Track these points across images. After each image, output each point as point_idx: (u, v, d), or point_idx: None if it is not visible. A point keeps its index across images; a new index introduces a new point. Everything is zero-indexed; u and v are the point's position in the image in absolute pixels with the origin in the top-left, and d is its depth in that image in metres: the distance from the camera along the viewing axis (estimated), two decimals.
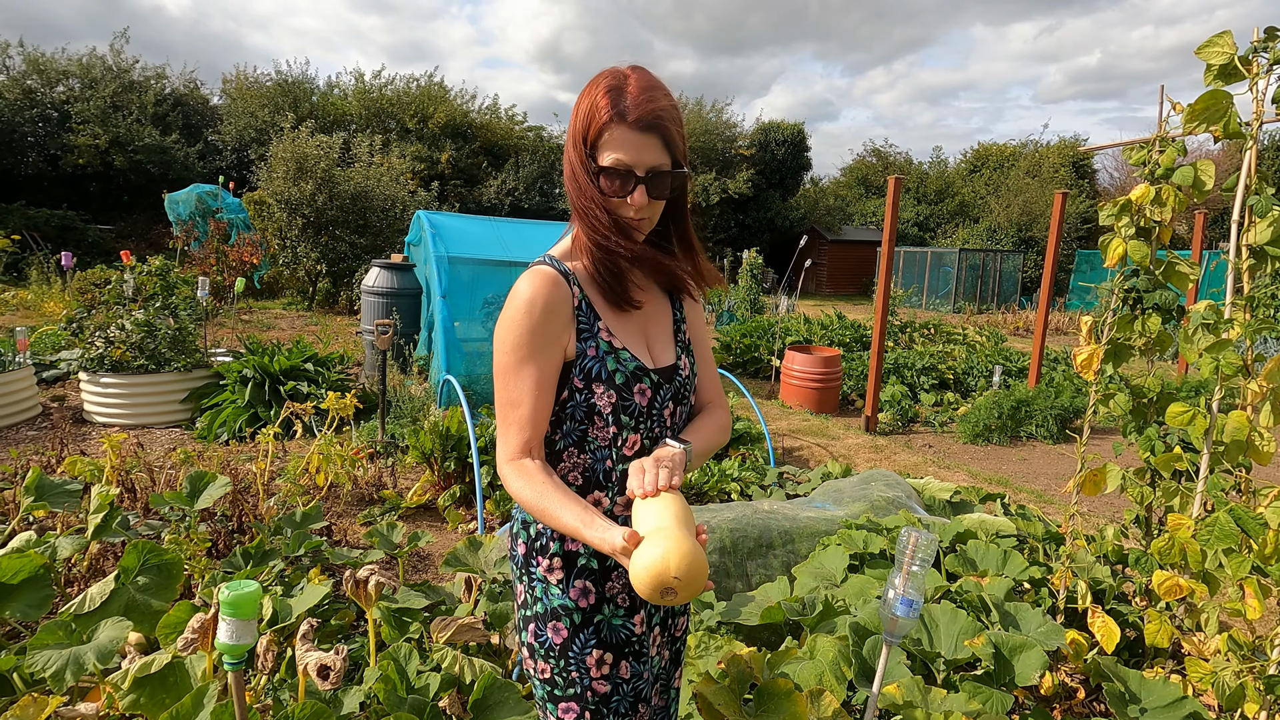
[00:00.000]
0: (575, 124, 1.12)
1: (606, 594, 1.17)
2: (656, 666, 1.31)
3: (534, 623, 1.19)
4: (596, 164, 1.09)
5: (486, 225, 7.54)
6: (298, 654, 1.60)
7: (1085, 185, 26.46)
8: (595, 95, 1.08)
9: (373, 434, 4.92)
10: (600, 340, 1.13)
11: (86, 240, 17.03)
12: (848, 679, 2.03)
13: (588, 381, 1.12)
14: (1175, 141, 2.45)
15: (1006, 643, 2.13)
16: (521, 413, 1.10)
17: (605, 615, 1.18)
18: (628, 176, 1.08)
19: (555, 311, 1.10)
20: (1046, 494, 4.91)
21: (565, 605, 1.16)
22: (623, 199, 1.10)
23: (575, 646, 1.16)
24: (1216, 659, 2.12)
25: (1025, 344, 12.23)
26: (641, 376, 1.14)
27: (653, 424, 1.16)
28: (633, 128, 1.06)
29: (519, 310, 1.09)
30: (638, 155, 1.07)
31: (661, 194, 1.11)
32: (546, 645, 1.17)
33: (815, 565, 2.76)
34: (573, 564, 1.16)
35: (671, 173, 1.10)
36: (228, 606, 1.18)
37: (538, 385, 1.09)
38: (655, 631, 1.30)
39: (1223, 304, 2.26)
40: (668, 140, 1.09)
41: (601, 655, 1.16)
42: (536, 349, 1.09)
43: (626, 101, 1.06)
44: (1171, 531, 2.22)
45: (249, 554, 2.60)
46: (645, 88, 1.08)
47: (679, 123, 1.12)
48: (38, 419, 5.33)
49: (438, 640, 2.05)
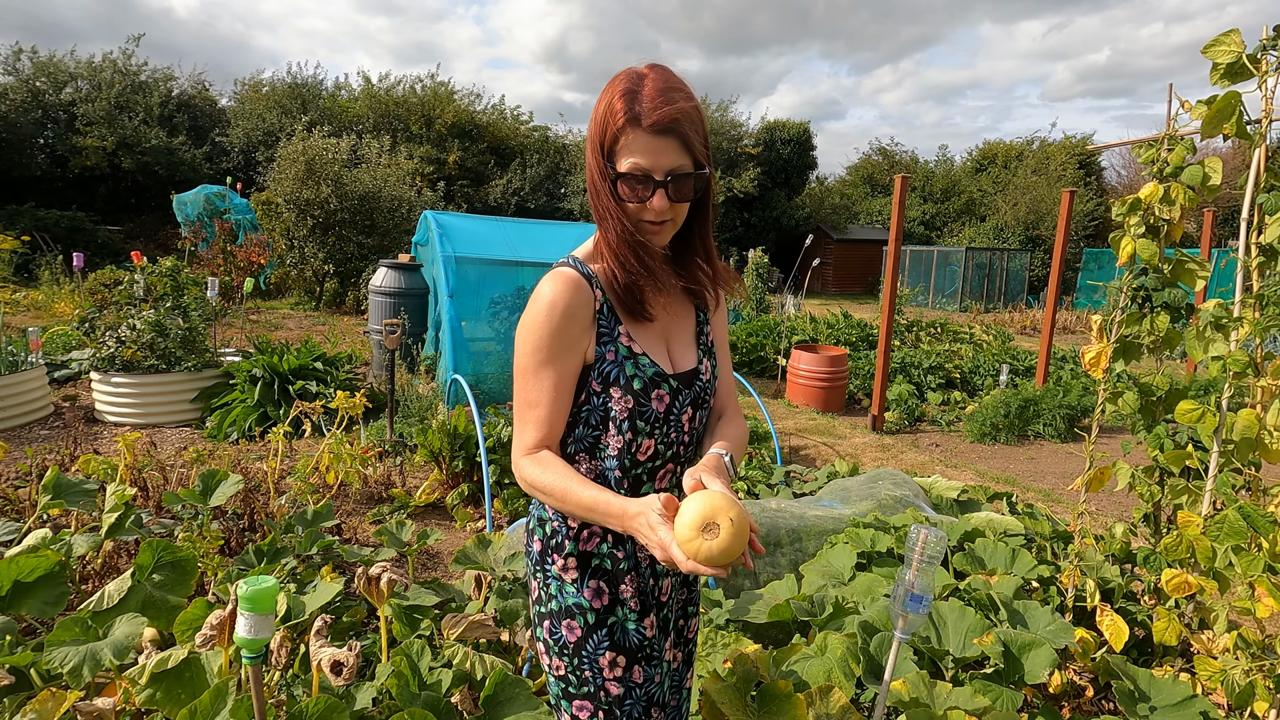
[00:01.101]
0: (592, 129, 1.10)
1: (620, 596, 1.18)
2: (669, 670, 1.32)
3: (549, 619, 1.19)
4: (615, 170, 1.07)
5: (493, 225, 7.56)
6: (312, 650, 1.62)
7: (1092, 183, 26.32)
8: (611, 99, 1.06)
9: (381, 433, 4.95)
10: (620, 345, 1.13)
11: (96, 241, 17.14)
12: (856, 676, 2.04)
13: (605, 385, 1.12)
14: (1184, 140, 2.44)
15: (1015, 640, 2.13)
16: (539, 413, 1.11)
17: (619, 618, 1.18)
18: (646, 181, 1.06)
19: (576, 315, 1.10)
20: (1054, 493, 4.91)
21: (580, 604, 1.16)
22: (642, 204, 1.08)
23: (589, 646, 1.16)
24: (1226, 657, 2.12)
25: (1032, 343, 12.19)
26: (660, 382, 1.14)
27: (669, 429, 1.17)
28: (649, 131, 1.03)
29: (540, 313, 1.09)
30: (655, 160, 1.04)
31: (684, 197, 1.09)
32: (561, 642, 1.18)
33: (823, 563, 2.77)
34: (587, 564, 1.17)
35: (693, 175, 1.08)
36: (246, 601, 1.20)
37: (555, 387, 1.10)
38: (670, 637, 1.30)
39: (1232, 302, 2.26)
40: (687, 142, 1.06)
41: (614, 658, 1.17)
42: (556, 352, 1.09)
43: (642, 105, 1.03)
44: (1181, 529, 2.22)
45: (262, 551, 2.63)
46: (662, 89, 1.04)
47: (699, 123, 1.09)
48: (50, 418, 5.38)
49: (449, 637, 2.07)
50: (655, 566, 1.23)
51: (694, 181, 1.09)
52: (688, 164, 1.07)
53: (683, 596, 1.34)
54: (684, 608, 1.35)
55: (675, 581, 1.29)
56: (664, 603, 1.26)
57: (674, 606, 1.30)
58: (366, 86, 23.45)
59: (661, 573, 1.24)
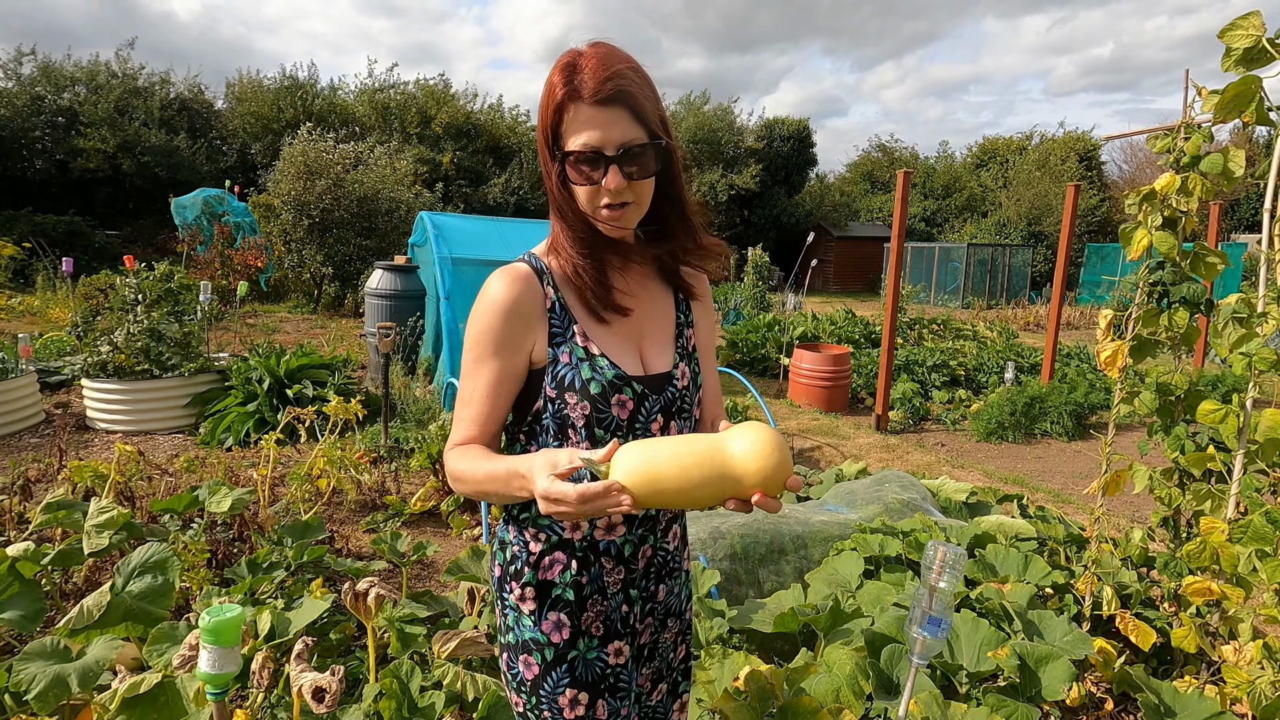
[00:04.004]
0: (539, 117, 1.01)
1: (582, 626, 1.08)
2: (647, 702, 1.22)
3: (507, 652, 1.11)
4: (561, 151, 0.98)
5: (489, 225, 7.48)
6: (292, 675, 1.53)
7: (1094, 177, 26.18)
8: (551, 78, 0.97)
9: (376, 438, 4.87)
10: (575, 345, 1.04)
11: (93, 245, 17.07)
12: (866, 693, 1.95)
13: (560, 390, 1.02)
14: (1202, 128, 2.35)
15: (1031, 653, 2.04)
16: (471, 411, 1.03)
17: (580, 650, 1.08)
18: (596, 160, 0.96)
19: (518, 312, 1.02)
20: (1064, 493, 4.81)
21: (536, 639, 1.07)
22: (595, 186, 0.98)
23: (547, 684, 1.07)
24: (1252, 667, 2.03)
25: (1036, 339, 12.08)
26: (621, 386, 1.03)
27: (635, 439, 1.06)
28: (592, 104, 0.94)
29: (480, 307, 1.03)
30: (604, 134, 0.95)
31: (642, 172, 0.98)
32: (519, 678, 1.09)
33: (829, 571, 2.67)
34: (547, 594, 1.07)
35: (649, 146, 0.97)
36: (208, 634, 1.11)
37: (489, 386, 1.02)
38: (646, 670, 1.19)
39: (1255, 296, 2.16)
40: (637, 112, 0.96)
41: (576, 695, 1.07)
42: (495, 349, 1.01)
43: (583, 76, 0.94)
44: (1204, 535, 2.12)
45: (251, 565, 2.54)
46: (604, 59, 0.95)
47: (651, 92, 0.99)
48: (40, 426, 5.29)
49: (440, 655, 1.98)
50: (629, 591, 1.12)
51: (652, 154, 0.98)
52: (641, 135, 0.97)
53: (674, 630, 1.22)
54: (674, 639, 1.23)
55: (656, 608, 1.17)
56: (637, 630, 1.15)
57: (651, 636, 1.19)
58: (363, 87, 23.37)
59: (634, 599, 1.13)
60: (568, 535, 1.07)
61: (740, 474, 0.83)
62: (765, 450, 0.83)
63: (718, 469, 0.83)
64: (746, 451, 0.83)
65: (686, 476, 0.82)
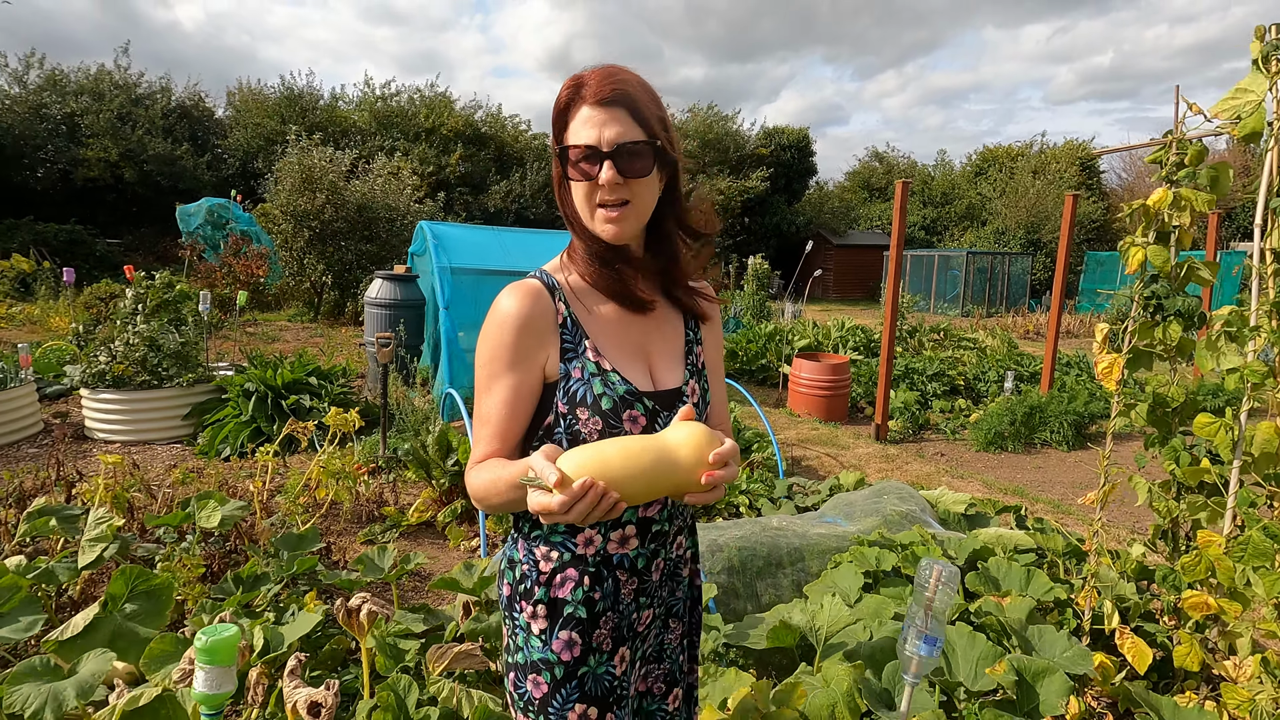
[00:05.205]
0: (552, 132, 1.07)
1: (593, 643, 1.08)
2: (664, 706, 1.23)
3: (514, 671, 1.11)
4: (567, 155, 1.03)
5: (489, 235, 7.49)
6: (285, 691, 1.53)
7: (1093, 185, 26.25)
8: (560, 91, 1.04)
9: (375, 449, 4.86)
10: (587, 360, 1.04)
11: (95, 254, 17.12)
12: (862, 710, 1.94)
13: (572, 406, 1.03)
14: (1194, 143, 2.36)
15: (1028, 668, 2.03)
16: (489, 430, 1.04)
17: (590, 666, 1.08)
18: (593, 156, 0.99)
19: (531, 327, 1.03)
20: (1064, 504, 4.80)
21: (546, 659, 1.07)
22: (592, 182, 1.01)
23: (555, 703, 1.07)
24: (1252, 683, 2.02)
25: (1035, 348, 12.08)
26: (633, 402, 1.04)
27: None
28: (594, 104, 1.00)
29: (491, 324, 1.04)
30: (600, 130, 0.99)
31: (638, 170, 1.01)
32: (526, 698, 1.09)
33: (827, 584, 2.67)
34: (558, 613, 1.07)
35: (645, 144, 1.00)
36: (204, 654, 1.11)
37: (505, 403, 1.03)
38: (656, 670, 1.21)
39: (1247, 310, 2.17)
40: (636, 112, 1.01)
41: (584, 710, 1.07)
42: (509, 365, 1.03)
43: (588, 84, 1.01)
44: (1201, 549, 2.12)
45: (241, 579, 2.53)
46: (609, 71, 1.02)
47: (652, 98, 1.04)
48: (39, 436, 5.29)
49: (434, 670, 1.97)
50: (639, 599, 1.13)
51: (649, 153, 1.01)
52: (638, 134, 1.00)
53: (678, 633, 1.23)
54: (679, 641, 1.24)
55: (659, 610, 1.19)
56: (640, 633, 1.16)
57: (656, 637, 1.20)
58: (366, 95, 23.47)
59: (644, 605, 1.14)
60: (580, 551, 1.08)
61: (674, 445, 0.91)
62: (692, 426, 0.94)
63: (656, 445, 0.91)
64: (678, 429, 0.94)
65: (634, 461, 0.88)
